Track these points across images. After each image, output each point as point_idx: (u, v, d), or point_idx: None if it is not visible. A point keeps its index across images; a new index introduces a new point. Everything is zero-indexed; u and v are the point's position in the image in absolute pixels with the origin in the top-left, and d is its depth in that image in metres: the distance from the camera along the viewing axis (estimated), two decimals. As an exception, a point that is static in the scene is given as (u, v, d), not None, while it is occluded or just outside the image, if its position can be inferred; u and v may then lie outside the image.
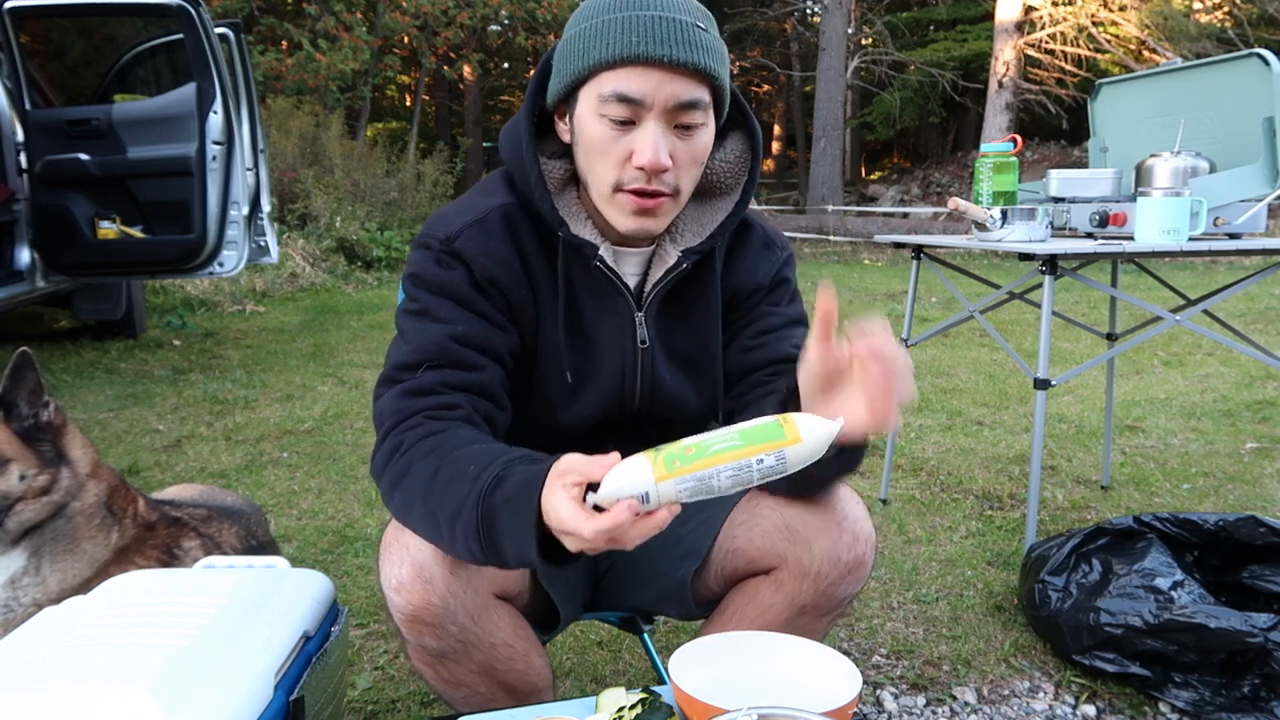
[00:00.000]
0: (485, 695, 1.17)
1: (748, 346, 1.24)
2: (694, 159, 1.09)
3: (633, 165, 1.06)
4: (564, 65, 1.10)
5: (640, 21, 1.03)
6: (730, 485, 0.86)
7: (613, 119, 1.05)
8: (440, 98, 21.10)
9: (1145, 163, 2.30)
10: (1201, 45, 13.03)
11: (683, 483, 0.85)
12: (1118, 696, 1.74)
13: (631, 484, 0.85)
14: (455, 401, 1.08)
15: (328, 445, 3.46)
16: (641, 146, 1.05)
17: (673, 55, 1.02)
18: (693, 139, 1.08)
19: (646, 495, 0.85)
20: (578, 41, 1.07)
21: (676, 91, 1.04)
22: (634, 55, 1.02)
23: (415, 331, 1.12)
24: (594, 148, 1.08)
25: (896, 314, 6.88)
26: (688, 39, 1.03)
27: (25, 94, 4.56)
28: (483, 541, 0.96)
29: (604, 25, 1.05)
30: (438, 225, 1.16)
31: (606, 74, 1.04)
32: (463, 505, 0.96)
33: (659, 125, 1.05)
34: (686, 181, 1.10)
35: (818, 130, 16.05)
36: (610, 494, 0.85)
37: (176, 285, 6.94)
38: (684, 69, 1.03)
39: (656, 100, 1.04)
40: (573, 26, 1.09)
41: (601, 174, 1.09)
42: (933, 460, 3.25)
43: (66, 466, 1.40)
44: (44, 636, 1.05)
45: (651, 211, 1.09)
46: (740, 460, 0.85)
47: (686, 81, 1.04)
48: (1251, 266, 8.64)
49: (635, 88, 1.03)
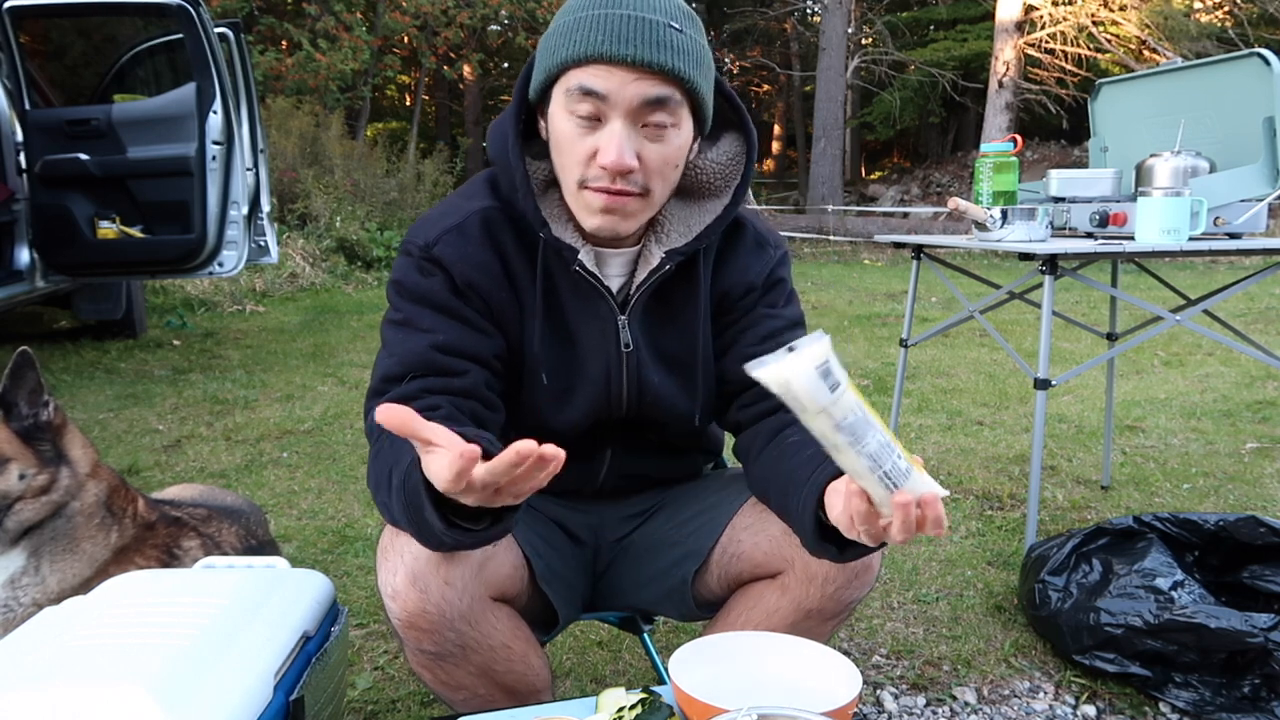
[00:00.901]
0: (485, 696, 1.17)
1: (750, 353, 1.23)
2: (665, 161, 1.08)
3: (597, 163, 1.06)
4: (541, 61, 1.10)
5: (610, 20, 1.03)
6: (875, 449, 0.78)
7: (579, 116, 1.05)
8: (440, 98, 21.10)
9: (1145, 163, 2.30)
10: (1201, 45, 13.02)
11: (859, 408, 0.76)
12: (1118, 696, 1.74)
13: (814, 357, 0.73)
14: (435, 404, 1.08)
15: (328, 445, 3.46)
16: (605, 146, 1.04)
17: (637, 55, 1.02)
18: (663, 141, 1.07)
19: (828, 365, 0.73)
20: (553, 38, 1.08)
21: (642, 91, 1.03)
22: (598, 53, 1.02)
23: (398, 343, 1.13)
24: (561, 145, 1.08)
25: (896, 314, 6.89)
26: (657, 39, 1.03)
27: (25, 94, 4.55)
28: (419, 528, 0.96)
29: (577, 23, 1.05)
30: (419, 231, 1.16)
31: (574, 71, 1.04)
32: (396, 496, 0.97)
33: (624, 125, 1.04)
34: (658, 183, 1.09)
35: (818, 130, 16.05)
36: (789, 371, 0.73)
37: (176, 285, 6.94)
38: (649, 69, 1.02)
39: (621, 99, 1.03)
40: (552, 24, 1.10)
41: (568, 170, 1.09)
42: (933, 460, 3.25)
43: (66, 466, 1.40)
44: (44, 636, 1.05)
45: (617, 209, 1.08)
46: (892, 442, 0.79)
47: (653, 82, 1.03)
48: (1251, 266, 8.65)
49: (600, 84, 1.03)
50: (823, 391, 0.74)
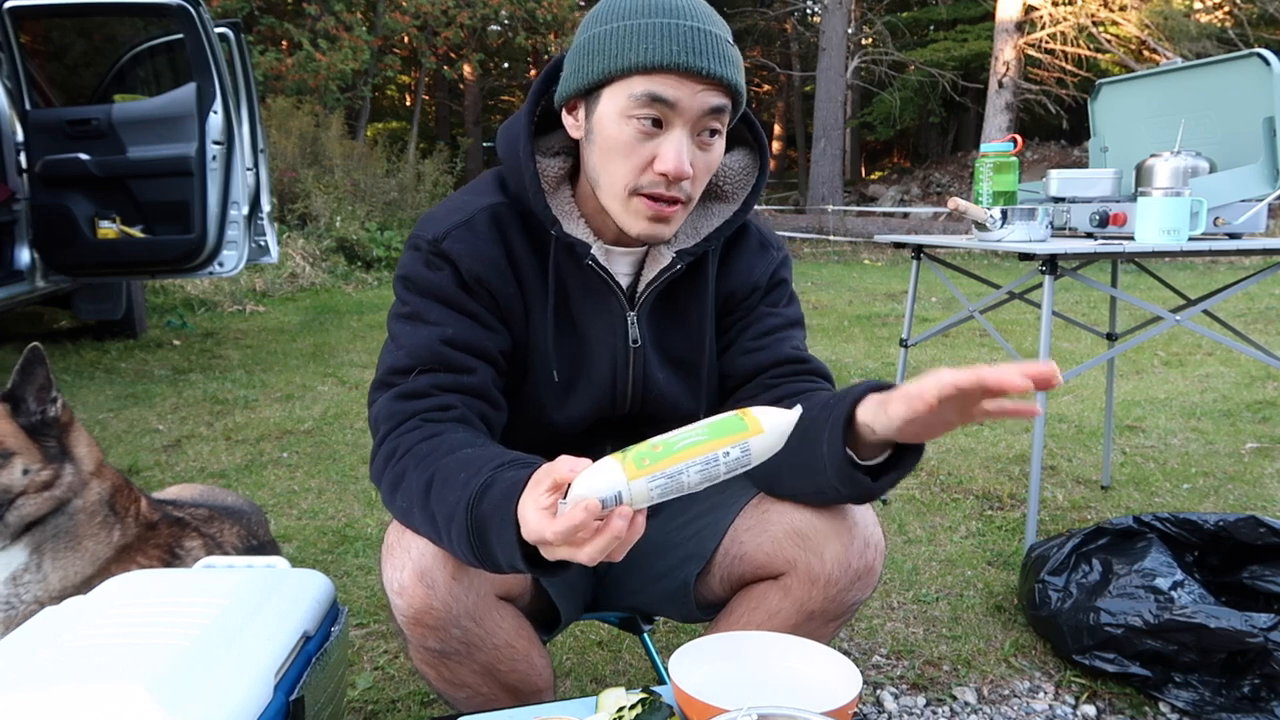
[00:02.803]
0: (487, 695, 1.17)
1: (750, 349, 1.25)
2: (709, 169, 1.11)
3: (654, 170, 1.07)
4: (589, 61, 1.08)
5: (680, 31, 1.04)
6: (699, 480, 0.86)
7: (642, 121, 1.06)
8: (440, 98, 21.10)
9: (1145, 163, 2.30)
10: (1201, 45, 13.02)
11: (654, 480, 0.84)
12: (1118, 696, 1.74)
13: (603, 484, 0.84)
14: (449, 402, 1.09)
15: (328, 445, 3.46)
16: (666, 153, 1.06)
17: (710, 68, 1.04)
18: (711, 149, 1.10)
19: (619, 495, 0.84)
20: (609, 40, 1.06)
21: (707, 101, 1.06)
22: (674, 63, 1.03)
23: (406, 336, 1.13)
24: (616, 148, 1.08)
25: (896, 314, 6.89)
26: (722, 53, 1.06)
27: (25, 94, 4.55)
28: (476, 550, 0.97)
29: (642, 29, 1.05)
30: (427, 226, 1.16)
31: (640, 77, 1.05)
32: (454, 513, 0.97)
33: (685, 133, 1.06)
34: (698, 190, 1.12)
35: (818, 130, 16.05)
36: (579, 495, 0.84)
37: (176, 285, 6.95)
38: (717, 82, 1.05)
39: (689, 109, 1.05)
40: (600, 24, 1.08)
41: (619, 175, 1.09)
42: (933, 460, 3.25)
43: (70, 463, 1.40)
44: (44, 636, 1.05)
45: (666, 218, 1.10)
46: (706, 454, 0.85)
47: (716, 93, 1.06)
48: (1251, 266, 8.64)
49: (670, 93, 1.04)
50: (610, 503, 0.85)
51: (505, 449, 1.03)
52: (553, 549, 0.86)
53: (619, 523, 0.83)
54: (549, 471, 0.87)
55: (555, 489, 0.86)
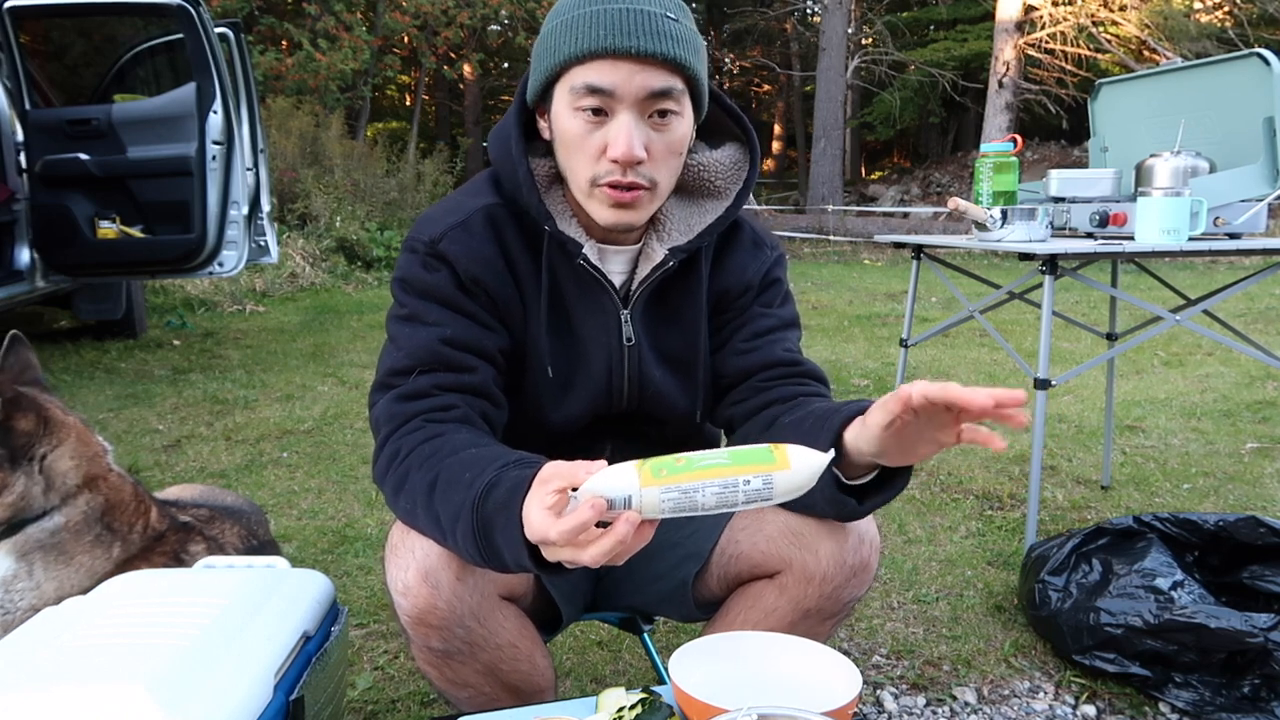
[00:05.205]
0: (489, 695, 1.17)
1: (742, 349, 1.25)
2: (670, 150, 1.09)
3: (607, 158, 1.06)
4: (538, 63, 1.10)
5: (608, 15, 1.04)
6: (714, 503, 0.85)
7: (585, 112, 1.06)
8: (440, 98, 21.10)
9: (1145, 163, 2.30)
10: (1201, 45, 13.01)
11: (668, 492, 0.83)
12: (1118, 696, 1.74)
13: (615, 485, 0.83)
14: (450, 402, 1.09)
15: (328, 445, 3.46)
16: (615, 138, 1.05)
17: (640, 46, 1.03)
18: (668, 130, 1.08)
19: (629, 499, 0.83)
20: (550, 38, 1.08)
21: (648, 82, 1.04)
22: (601, 48, 1.03)
23: (406, 337, 1.13)
24: (570, 143, 1.09)
25: (896, 314, 6.89)
26: (656, 29, 1.04)
27: (25, 94, 4.55)
28: (483, 550, 0.97)
29: (574, 20, 1.05)
30: (423, 228, 1.17)
31: (577, 68, 1.05)
32: (459, 514, 0.97)
33: (632, 116, 1.05)
34: (664, 173, 1.11)
35: (818, 130, 16.05)
36: (589, 490, 0.83)
37: (176, 285, 6.94)
38: (653, 59, 1.04)
39: (628, 91, 1.04)
40: (546, 24, 1.10)
41: (578, 169, 1.10)
42: (933, 460, 3.25)
43: (34, 474, 1.35)
44: (44, 637, 1.05)
45: (629, 205, 1.10)
46: (726, 478, 0.84)
47: (657, 71, 1.05)
48: (1251, 266, 8.64)
49: (606, 79, 1.04)
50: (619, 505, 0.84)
51: (509, 449, 1.03)
52: (555, 550, 0.86)
53: (624, 527, 0.83)
54: (555, 471, 0.87)
55: (563, 490, 0.86)
